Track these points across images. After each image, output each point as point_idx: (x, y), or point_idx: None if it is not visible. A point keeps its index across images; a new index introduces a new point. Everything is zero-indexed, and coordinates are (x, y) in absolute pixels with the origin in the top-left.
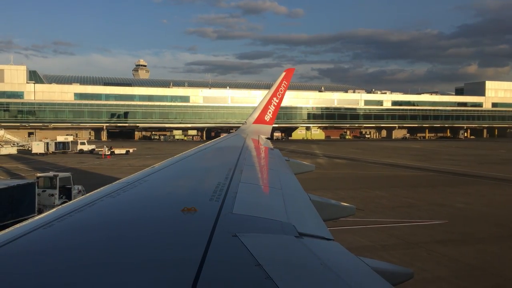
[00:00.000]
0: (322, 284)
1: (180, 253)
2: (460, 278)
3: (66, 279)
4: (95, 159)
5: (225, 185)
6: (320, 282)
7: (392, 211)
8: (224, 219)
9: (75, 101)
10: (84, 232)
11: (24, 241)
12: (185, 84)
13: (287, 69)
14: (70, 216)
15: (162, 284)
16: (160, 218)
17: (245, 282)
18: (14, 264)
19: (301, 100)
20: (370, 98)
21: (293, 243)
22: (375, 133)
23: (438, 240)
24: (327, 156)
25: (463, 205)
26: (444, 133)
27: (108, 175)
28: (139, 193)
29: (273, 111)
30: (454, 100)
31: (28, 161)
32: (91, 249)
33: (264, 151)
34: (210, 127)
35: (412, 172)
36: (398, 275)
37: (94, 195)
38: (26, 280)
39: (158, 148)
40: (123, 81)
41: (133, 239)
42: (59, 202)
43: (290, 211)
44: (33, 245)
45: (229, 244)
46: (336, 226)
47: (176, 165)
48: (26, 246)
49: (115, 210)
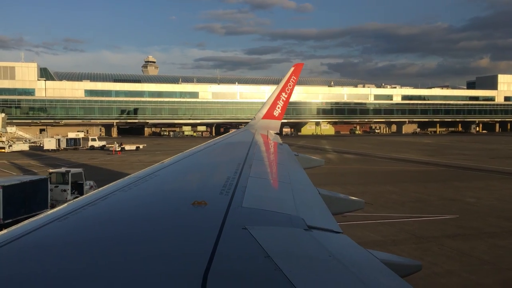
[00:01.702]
0: (331, 276)
1: (191, 246)
2: (471, 272)
3: (81, 270)
4: (106, 155)
5: (235, 180)
6: (329, 273)
7: (402, 206)
8: (234, 213)
9: (86, 97)
10: (98, 225)
11: (39, 234)
12: (194, 80)
13: (296, 64)
14: (84, 210)
15: (174, 276)
16: (172, 212)
17: (255, 274)
18: (31, 256)
19: (310, 95)
20: (380, 92)
21: (302, 235)
22: (385, 128)
23: (449, 234)
24: (337, 151)
25: (474, 199)
26: (455, 128)
27: (119, 171)
28: (151, 188)
29: (282, 106)
30: (466, 94)
31: (40, 157)
32: (105, 241)
33: (273, 146)
34: (219, 122)
35: (423, 167)
36: (406, 267)
37: (106, 190)
38: (42, 272)
39: (168, 144)
40: (132, 78)
41: (145, 232)
42: (71, 198)
43: (299, 205)
44: (49, 237)
45: (239, 237)
46: (346, 221)
47: (186, 160)
48: (41, 239)
49: (127, 204)
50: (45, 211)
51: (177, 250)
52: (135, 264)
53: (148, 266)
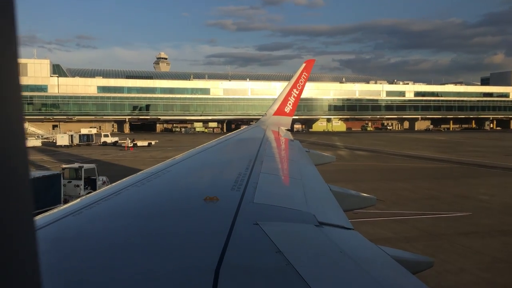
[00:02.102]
0: (341, 272)
1: (204, 240)
2: (484, 270)
3: (95, 264)
4: (118, 151)
5: (246, 175)
6: (339, 269)
7: (415, 203)
8: (245, 208)
9: (98, 94)
10: (112, 219)
11: (54, 228)
12: (206, 76)
13: (307, 60)
14: (98, 204)
15: (187, 270)
16: (184, 207)
17: (266, 269)
18: (45, 251)
19: (321, 91)
20: (392, 89)
21: (313, 231)
22: (397, 124)
23: (462, 232)
24: (348, 148)
25: (488, 197)
26: (469, 124)
27: (131, 167)
28: (163, 183)
29: (293, 103)
30: (480, 91)
31: (53, 153)
32: (119, 235)
33: (284, 143)
34: (230, 119)
35: (436, 164)
36: (418, 264)
37: (120, 185)
38: (58, 265)
39: (179, 140)
40: (144, 74)
41: (158, 227)
42: (84, 193)
43: (310, 201)
44: (63, 232)
45: (250, 232)
46: (357, 218)
47: (198, 156)
48: (56, 233)
49: (140, 199)
50: (58, 206)
51: (190, 245)
52: (148, 258)
53: (161, 260)
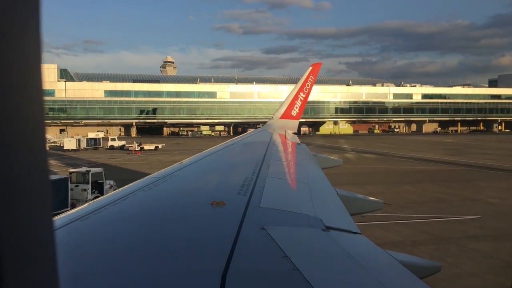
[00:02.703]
0: (348, 277)
1: (211, 245)
2: (494, 274)
3: (104, 267)
4: (126, 154)
5: (253, 180)
6: (346, 274)
7: (422, 206)
8: (252, 213)
9: (105, 98)
10: (120, 223)
11: (62, 233)
12: (212, 80)
13: (314, 64)
14: (106, 209)
15: (194, 274)
16: (191, 212)
17: (273, 274)
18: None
19: (328, 94)
20: (399, 91)
21: (319, 236)
22: (405, 127)
23: (470, 235)
24: (355, 151)
25: (497, 200)
26: (477, 127)
27: (138, 170)
28: (170, 188)
29: (300, 106)
30: (488, 93)
31: (61, 157)
32: (127, 240)
33: (291, 146)
34: (237, 122)
35: (443, 166)
36: (425, 269)
37: (127, 189)
38: (66, 270)
39: (186, 144)
40: (151, 78)
41: (165, 232)
42: (91, 197)
43: (317, 205)
44: (71, 237)
45: (257, 237)
46: (364, 221)
47: (205, 160)
48: (64, 238)
49: (148, 204)
50: (65, 211)
51: (197, 250)
52: (156, 263)
53: (168, 265)
